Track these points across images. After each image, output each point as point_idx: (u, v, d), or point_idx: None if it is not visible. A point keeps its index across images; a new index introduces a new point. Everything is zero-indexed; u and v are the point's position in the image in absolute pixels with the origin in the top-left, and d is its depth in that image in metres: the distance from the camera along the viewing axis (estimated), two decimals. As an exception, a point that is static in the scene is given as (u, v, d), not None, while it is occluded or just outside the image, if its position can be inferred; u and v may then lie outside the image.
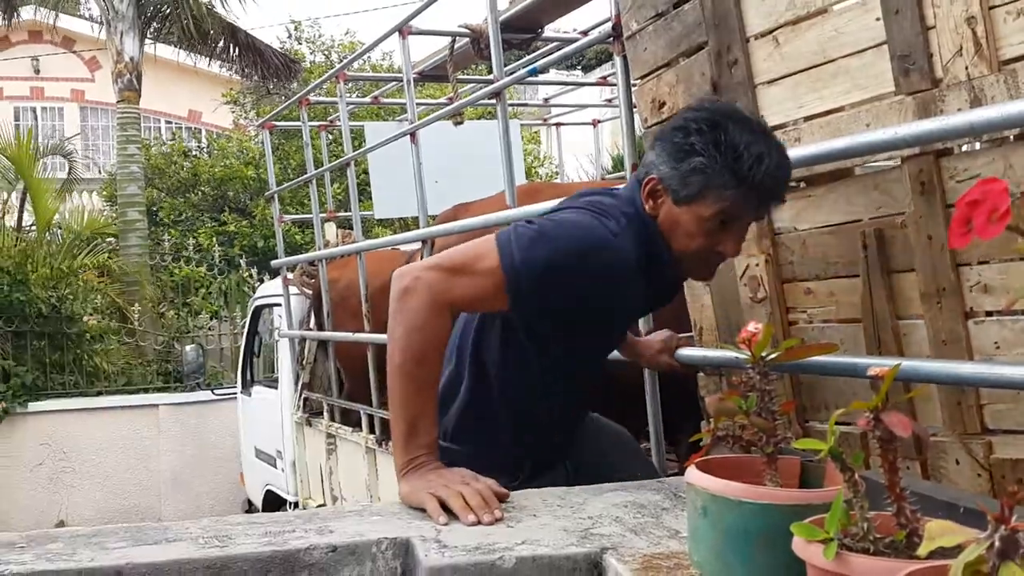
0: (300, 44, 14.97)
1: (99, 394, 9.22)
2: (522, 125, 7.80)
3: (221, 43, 11.60)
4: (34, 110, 18.05)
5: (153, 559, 1.26)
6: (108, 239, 11.47)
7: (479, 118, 7.98)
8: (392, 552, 1.35)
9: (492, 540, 1.35)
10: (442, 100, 5.96)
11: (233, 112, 15.74)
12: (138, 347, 10.05)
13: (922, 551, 0.78)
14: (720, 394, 1.17)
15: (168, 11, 11.28)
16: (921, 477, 1.68)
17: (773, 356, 1.06)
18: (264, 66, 11.80)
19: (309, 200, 5.15)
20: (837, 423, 0.95)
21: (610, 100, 5.94)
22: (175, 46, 12.25)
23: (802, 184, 1.87)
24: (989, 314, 1.54)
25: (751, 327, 1.07)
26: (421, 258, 3.55)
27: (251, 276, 11.09)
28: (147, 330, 10.16)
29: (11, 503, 8.50)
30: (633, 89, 2.24)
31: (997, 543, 0.69)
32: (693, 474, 1.07)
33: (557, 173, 7.54)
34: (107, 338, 9.53)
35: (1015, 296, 1.43)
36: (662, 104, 2.10)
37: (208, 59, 12.03)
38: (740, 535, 0.99)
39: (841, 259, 1.77)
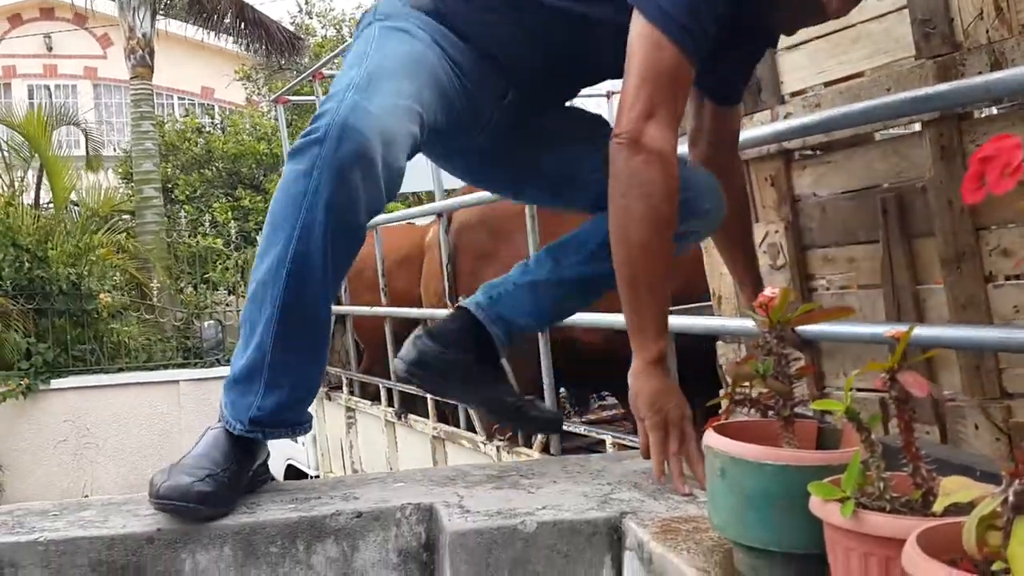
0: (311, 18, 14.94)
1: (120, 370, 9.33)
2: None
3: (228, 18, 11.60)
4: (47, 88, 18.10)
5: (184, 525, 1.29)
6: (124, 216, 11.55)
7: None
8: (416, 517, 1.37)
9: (513, 505, 1.37)
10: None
11: (246, 88, 15.76)
12: (158, 323, 10.14)
13: (937, 507, 0.79)
14: (738, 359, 1.18)
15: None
16: (940, 442, 1.69)
17: (791, 320, 1.07)
18: (269, 41, 11.83)
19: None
20: (857, 390, 0.96)
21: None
22: (184, 20, 12.26)
23: (820, 151, 1.87)
24: (1008, 278, 1.54)
25: (768, 291, 1.08)
26: (434, 233, 3.56)
27: (268, 252, 11.11)
28: (166, 306, 10.25)
29: (36, 478, 8.64)
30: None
31: (1011, 497, 0.69)
32: (711, 437, 1.08)
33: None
34: (126, 314, 9.61)
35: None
36: (678, 72, 2.09)
37: (216, 34, 12.05)
38: (759, 496, 1.01)
39: (861, 225, 1.77)
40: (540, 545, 1.29)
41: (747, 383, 1.11)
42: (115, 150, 14.75)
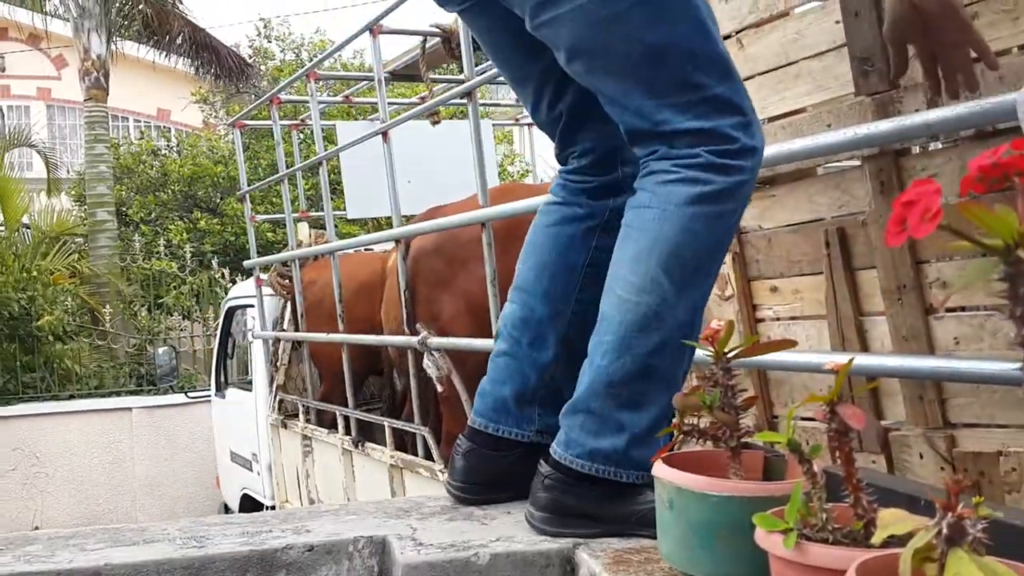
0: (270, 42, 14.90)
1: (71, 397, 9.14)
2: (494, 125, 7.82)
3: (180, 40, 11.59)
4: (0, 109, 17.82)
5: (132, 559, 1.28)
6: (77, 239, 11.37)
7: (450, 118, 7.98)
8: (369, 551, 1.37)
9: (467, 537, 1.38)
10: (414, 100, 5.97)
11: (203, 111, 15.64)
12: (110, 349, 9.97)
13: (876, 539, 0.81)
14: (685, 390, 1.20)
15: (130, 8, 11.25)
16: (887, 471, 1.73)
17: (735, 352, 1.10)
18: (219, 65, 11.84)
19: (280, 199, 5.15)
20: (804, 419, 0.99)
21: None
22: (137, 41, 12.22)
23: (765, 184, 1.91)
24: (949, 310, 1.59)
25: (713, 324, 1.11)
26: (396, 259, 3.57)
27: (223, 276, 11.03)
28: (119, 332, 10.09)
29: (-16, 509, 8.43)
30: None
31: (944, 529, 0.72)
32: (659, 468, 1.10)
33: (528, 171, 7.57)
34: (77, 339, 9.44)
35: (951, 292, 1.48)
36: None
37: (167, 55, 12.04)
38: (705, 527, 1.03)
39: (805, 257, 1.81)
40: (493, 577, 1.30)
41: (695, 414, 1.14)
42: (68, 172, 14.54)
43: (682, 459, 1.14)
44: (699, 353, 1.91)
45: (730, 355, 1.10)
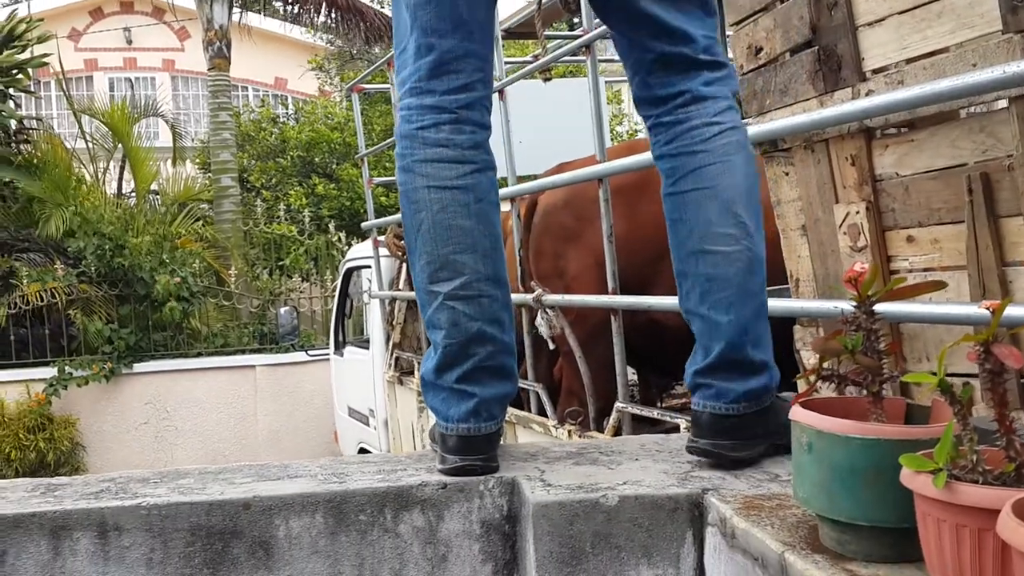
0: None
1: (198, 355, 9.59)
2: (606, 82, 7.74)
3: (323, 8, 11.65)
4: (128, 80, 18.64)
5: (278, 492, 1.35)
6: (202, 205, 11.85)
7: (562, 76, 7.93)
8: (499, 490, 1.40)
9: (595, 480, 1.39)
10: (527, 58, 5.95)
11: (318, 78, 15.99)
12: (234, 309, 10.39)
13: (1036, 477, 0.78)
14: (826, 334, 1.18)
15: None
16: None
17: (880, 294, 1.07)
18: (367, 27, 11.83)
19: (393, 164, 5.21)
20: (948, 375, 0.95)
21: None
22: (263, 14, 12.42)
23: (903, 129, 1.84)
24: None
25: (857, 266, 1.08)
26: (512, 217, 3.59)
27: (340, 240, 11.33)
28: (243, 293, 10.50)
29: (119, 459, 8.95)
30: (728, 36, 2.22)
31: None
32: (798, 412, 1.08)
33: (638, 130, 7.46)
34: (204, 300, 9.86)
35: None
36: (759, 50, 2.08)
37: (305, 26, 12.13)
38: (847, 471, 1.01)
39: (945, 205, 1.74)
40: (622, 519, 1.31)
41: (835, 359, 1.11)
42: (192, 140, 15.14)
43: (816, 405, 1.12)
44: (831, 307, 1.87)
45: (874, 297, 1.07)
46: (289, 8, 11.88)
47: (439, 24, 1.47)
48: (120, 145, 11.30)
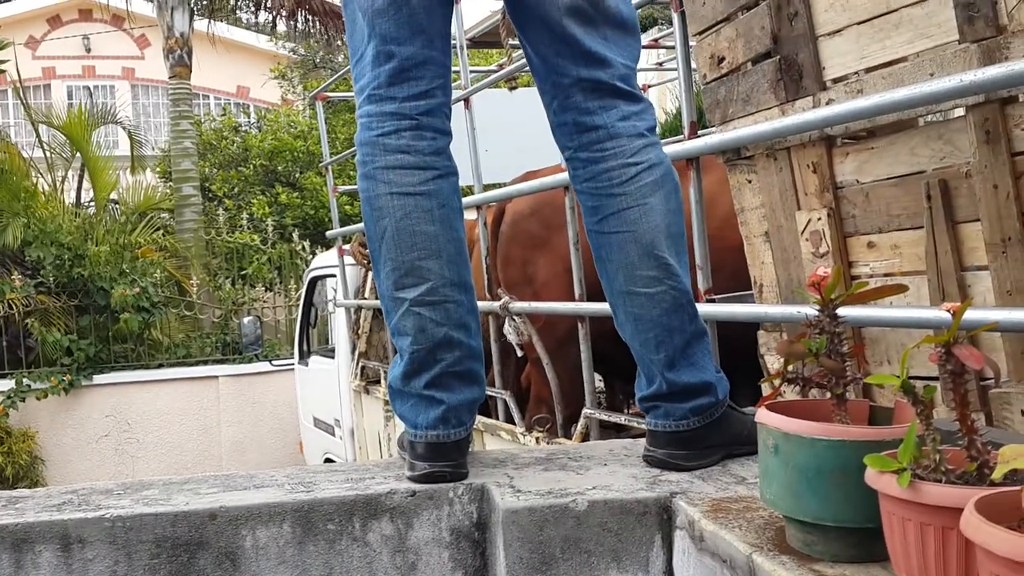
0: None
1: (160, 366, 9.47)
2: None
3: (297, 12, 11.54)
4: (87, 88, 18.38)
5: (244, 502, 1.33)
6: (163, 214, 11.71)
7: (526, 86, 7.94)
8: (468, 497, 1.40)
9: (564, 485, 1.40)
10: (491, 67, 5.96)
11: (281, 87, 15.89)
12: (196, 320, 10.27)
13: (996, 474, 0.80)
14: (790, 338, 1.19)
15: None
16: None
17: (843, 298, 1.08)
18: (342, 30, 11.71)
19: (357, 172, 5.19)
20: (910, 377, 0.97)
21: (661, 63, 5.89)
22: (226, 22, 12.28)
23: (862, 137, 1.87)
24: (1056, 263, 1.54)
25: (820, 271, 1.09)
26: (479, 225, 3.59)
27: (304, 249, 11.25)
28: (205, 303, 10.38)
29: (80, 473, 8.79)
30: (691, 46, 2.25)
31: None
32: (764, 415, 1.10)
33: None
34: (165, 310, 9.74)
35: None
36: (721, 59, 2.11)
37: (272, 35, 12.01)
38: (813, 472, 1.02)
39: (905, 211, 1.77)
40: (591, 523, 1.32)
41: (799, 362, 1.13)
42: (152, 149, 14.96)
43: (782, 407, 1.13)
44: (794, 311, 1.89)
45: (837, 301, 1.09)
46: (255, 15, 11.74)
47: (399, 32, 1.47)
48: (78, 154, 11.14)
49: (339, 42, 12.08)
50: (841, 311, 1.12)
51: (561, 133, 1.60)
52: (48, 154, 11.23)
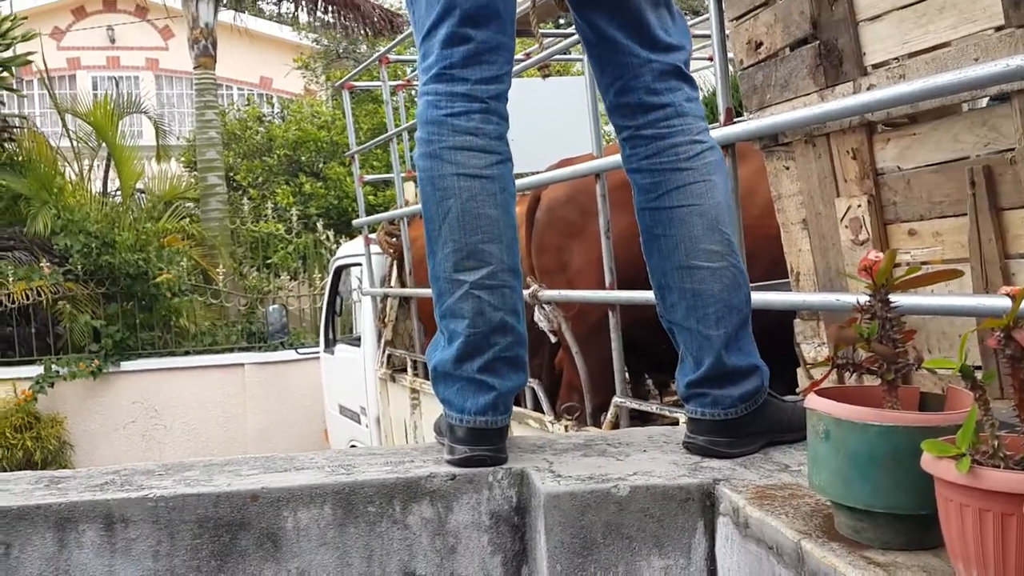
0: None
1: (187, 353, 9.55)
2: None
3: (320, 4, 11.55)
4: (112, 79, 18.50)
5: (286, 484, 1.34)
6: (188, 203, 11.79)
7: (556, 73, 7.91)
8: (508, 481, 1.40)
9: (605, 471, 1.39)
10: (519, 56, 5.94)
11: (304, 77, 15.92)
12: (222, 308, 10.34)
13: (1061, 461, 0.79)
14: (840, 323, 1.18)
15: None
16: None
17: (898, 281, 1.07)
18: (366, 24, 11.73)
19: (380, 162, 5.21)
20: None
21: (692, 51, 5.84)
22: (247, 12, 12.31)
23: (904, 123, 1.84)
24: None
25: (872, 255, 1.08)
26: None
27: (328, 238, 11.29)
28: (230, 291, 10.45)
29: (107, 458, 8.88)
30: (727, 32, 2.23)
31: None
32: (814, 400, 1.08)
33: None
34: (191, 298, 9.81)
35: None
36: (759, 44, 2.09)
37: (298, 26, 12.01)
38: (865, 458, 1.01)
39: (947, 198, 1.75)
40: (633, 509, 1.31)
41: (848, 348, 1.11)
42: (177, 139, 15.05)
43: (832, 393, 1.12)
44: (833, 299, 1.87)
45: (890, 285, 1.07)
46: (278, 6, 11.77)
47: (478, 13, 1.46)
48: (104, 143, 11.23)
49: (361, 33, 12.07)
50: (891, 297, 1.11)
51: (621, 114, 1.59)
52: (74, 144, 11.33)
